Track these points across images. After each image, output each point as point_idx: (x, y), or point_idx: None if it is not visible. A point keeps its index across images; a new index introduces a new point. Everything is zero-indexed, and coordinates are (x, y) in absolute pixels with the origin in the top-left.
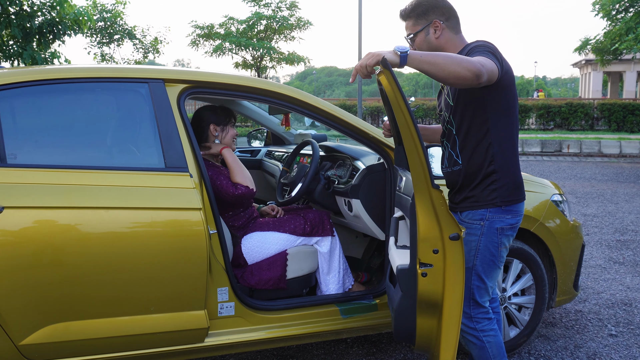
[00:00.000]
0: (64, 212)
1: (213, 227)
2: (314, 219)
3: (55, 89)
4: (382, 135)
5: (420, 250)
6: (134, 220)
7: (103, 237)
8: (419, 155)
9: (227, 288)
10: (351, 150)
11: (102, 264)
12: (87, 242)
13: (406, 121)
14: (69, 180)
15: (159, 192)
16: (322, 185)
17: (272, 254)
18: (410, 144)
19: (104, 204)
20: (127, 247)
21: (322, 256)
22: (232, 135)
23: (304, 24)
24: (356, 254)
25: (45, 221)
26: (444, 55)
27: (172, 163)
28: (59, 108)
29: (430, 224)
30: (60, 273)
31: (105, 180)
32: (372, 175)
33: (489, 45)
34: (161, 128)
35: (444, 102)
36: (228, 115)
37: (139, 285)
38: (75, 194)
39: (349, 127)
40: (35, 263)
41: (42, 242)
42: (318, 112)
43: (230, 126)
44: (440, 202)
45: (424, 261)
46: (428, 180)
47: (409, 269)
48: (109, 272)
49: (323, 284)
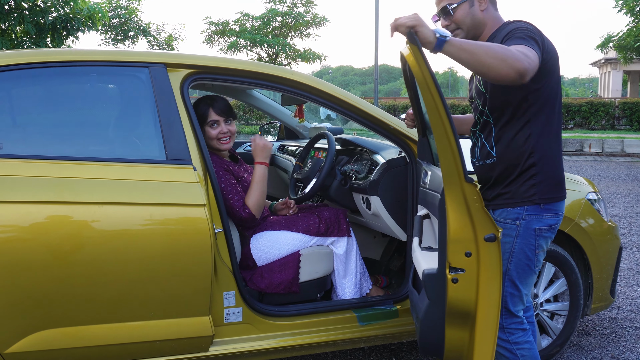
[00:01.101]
0: (54, 208)
1: (219, 225)
2: (329, 217)
3: (46, 73)
4: (404, 126)
5: (451, 253)
6: (131, 217)
7: (97, 235)
8: (450, 143)
9: (234, 292)
10: (370, 143)
11: (96, 265)
12: (79, 241)
13: (435, 104)
14: (60, 172)
15: (158, 187)
16: (339, 181)
17: (284, 255)
18: (440, 131)
19: (98, 199)
20: (124, 247)
21: (337, 258)
22: (210, 137)
23: (320, 21)
24: (375, 255)
25: (34, 217)
26: (486, 46)
27: (174, 155)
28: (50, 94)
29: (462, 223)
30: (49, 274)
31: (100, 173)
32: (392, 170)
33: (530, 27)
34: (162, 117)
35: (475, 88)
36: (202, 112)
37: (136, 288)
38: (66, 188)
39: (367, 118)
40: (22, 263)
41: (29, 240)
42: (333, 101)
43: (207, 126)
44: (474, 197)
45: (455, 265)
46: (461, 172)
47: (437, 274)
48: (103, 273)
49: (339, 288)
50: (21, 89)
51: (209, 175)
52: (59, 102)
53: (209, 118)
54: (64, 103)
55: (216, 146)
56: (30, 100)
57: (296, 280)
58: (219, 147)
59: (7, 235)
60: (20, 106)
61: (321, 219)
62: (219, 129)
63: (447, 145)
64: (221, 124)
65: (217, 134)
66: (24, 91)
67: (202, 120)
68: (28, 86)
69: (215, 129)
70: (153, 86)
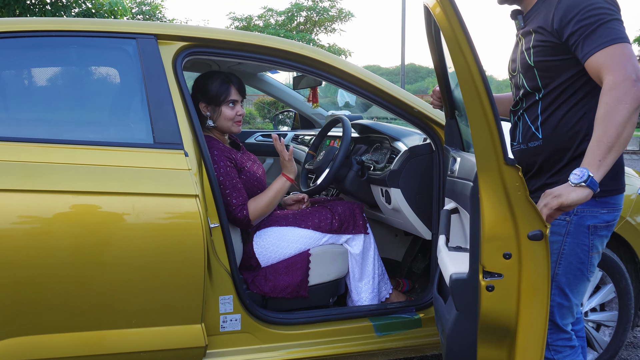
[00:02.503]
0: (21, 197)
1: (215, 220)
2: (344, 212)
3: (17, 43)
4: (429, 109)
5: (485, 254)
6: (110, 209)
7: (70, 229)
8: (486, 114)
9: (232, 296)
10: (390, 129)
11: (69, 264)
12: (49, 236)
13: (469, 68)
14: (29, 156)
15: (143, 174)
16: (355, 171)
17: (292, 254)
18: (473, 101)
19: (72, 187)
20: (101, 243)
21: (353, 258)
22: (226, 118)
23: (345, 16)
24: (395, 255)
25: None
26: (607, 120)
27: (163, 138)
28: (21, 68)
29: (500, 216)
30: (15, 275)
31: (76, 157)
32: (415, 159)
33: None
34: (150, 95)
35: (520, 60)
36: (223, 90)
37: (115, 291)
38: (36, 174)
39: (387, 99)
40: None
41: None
42: (348, 79)
43: (225, 105)
44: (516, 184)
45: (490, 269)
46: (499, 152)
47: (468, 279)
48: (77, 274)
49: (354, 292)
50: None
51: (204, 163)
52: (32, 77)
53: (230, 96)
54: (37, 78)
55: (230, 129)
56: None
57: (305, 283)
58: (232, 129)
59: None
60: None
61: (334, 214)
62: (236, 109)
63: (482, 117)
64: (238, 104)
65: (235, 115)
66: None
67: (217, 98)
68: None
69: (233, 109)
70: (141, 60)
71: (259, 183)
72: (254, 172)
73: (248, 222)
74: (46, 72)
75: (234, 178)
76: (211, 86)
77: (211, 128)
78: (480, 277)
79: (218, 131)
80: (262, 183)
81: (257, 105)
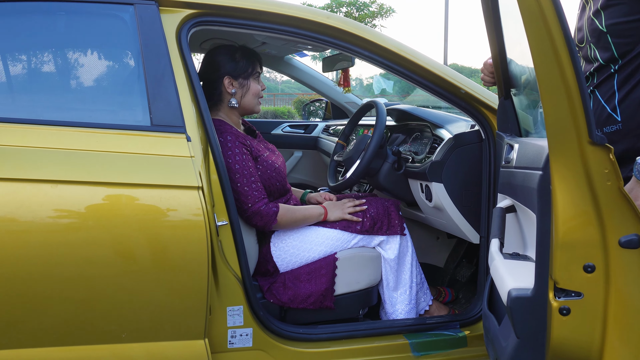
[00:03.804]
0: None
1: (223, 217)
2: (377, 210)
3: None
4: (479, 90)
5: (558, 266)
6: (95, 202)
7: (47, 225)
8: (565, 77)
9: (242, 307)
10: (432, 115)
11: (46, 266)
12: (23, 233)
13: (541, 10)
14: (1, 139)
15: (136, 161)
16: (390, 163)
17: (315, 258)
18: (547, 58)
19: (51, 176)
20: (84, 242)
21: (387, 263)
22: (255, 93)
23: (386, 12)
24: (436, 261)
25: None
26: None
27: (162, 120)
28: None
29: (581, 215)
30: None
31: (58, 141)
32: (462, 149)
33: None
34: (148, 69)
35: (588, 27)
36: (251, 61)
37: (102, 300)
38: (8, 160)
39: (428, 78)
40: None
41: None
42: (381, 54)
43: (253, 79)
44: (605, 171)
45: (566, 286)
46: (582, 128)
47: (533, 298)
48: (54, 279)
49: (388, 303)
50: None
51: (212, 149)
52: (11, 48)
53: (257, 68)
54: (18, 49)
55: (254, 108)
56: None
57: (330, 292)
58: (256, 108)
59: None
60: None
61: (365, 212)
62: (261, 83)
63: (558, 79)
64: (260, 78)
65: (260, 90)
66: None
67: (245, 70)
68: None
69: (259, 82)
70: (139, 29)
71: (278, 175)
72: (272, 161)
73: (271, 221)
74: (28, 42)
75: (250, 167)
76: (236, 56)
77: (231, 108)
78: (550, 295)
79: (235, 113)
80: (281, 174)
81: (297, 103)
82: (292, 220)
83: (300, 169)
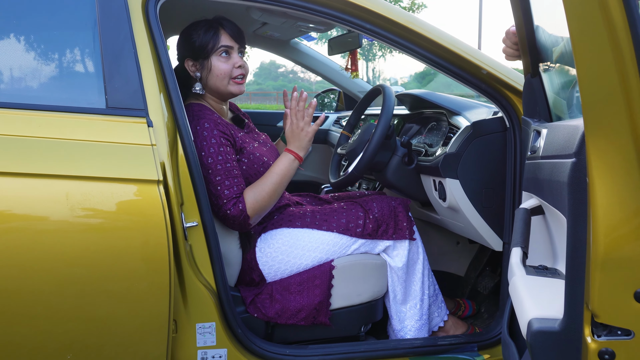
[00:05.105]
0: None
1: (194, 217)
2: (382, 210)
3: None
4: (504, 70)
5: (598, 292)
6: (32, 197)
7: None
8: (612, 24)
9: (214, 324)
10: (448, 100)
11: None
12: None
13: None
14: None
15: (84, 150)
16: (400, 157)
17: (308, 266)
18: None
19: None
20: (15, 246)
21: (393, 273)
22: (220, 73)
23: (417, 7)
24: (456, 269)
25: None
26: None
27: (119, 101)
28: None
29: (631, 219)
30: None
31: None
32: (481, 139)
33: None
34: (105, 43)
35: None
36: (212, 35)
37: (40, 316)
38: None
39: (444, 57)
40: None
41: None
42: (387, 28)
43: (216, 56)
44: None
45: (609, 320)
46: (636, 94)
47: (562, 332)
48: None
49: (395, 319)
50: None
51: (181, 137)
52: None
53: (220, 43)
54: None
55: (227, 89)
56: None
57: (325, 305)
58: (230, 89)
59: None
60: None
61: (368, 212)
62: (232, 60)
63: (599, 22)
64: (234, 54)
65: (232, 69)
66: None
67: (203, 48)
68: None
69: (228, 59)
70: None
71: (266, 170)
72: (260, 154)
73: (245, 220)
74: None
75: (228, 161)
76: (195, 34)
77: (203, 95)
78: (586, 331)
79: (214, 99)
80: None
81: (321, 98)
82: (267, 195)
83: (309, 164)
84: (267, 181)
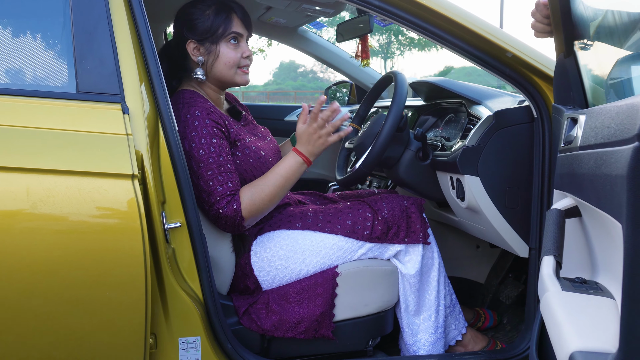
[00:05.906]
0: None
1: (177, 216)
2: (392, 210)
3: None
4: (531, 53)
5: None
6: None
7: None
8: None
9: (199, 338)
10: (468, 88)
11: None
12: None
13: None
14: None
15: (48, 140)
16: (414, 151)
17: (309, 272)
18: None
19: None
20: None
21: (405, 281)
22: (228, 62)
23: None
24: (476, 275)
25: None
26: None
27: (91, 85)
28: None
29: None
30: None
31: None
32: (504, 131)
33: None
34: (77, 20)
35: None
36: (224, 19)
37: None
38: None
39: (463, 38)
40: None
41: None
42: (401, 6)
43: (225, 42)
44: None
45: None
46: None
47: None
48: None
49: (407, 332)
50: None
51: (163, 125)
52: None
53: (232, 28)
54: None
55: (233, 79)
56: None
57: (328, 317)
58: (236, 79)
59: None
60: None
61: (377, 213)
62: (241, 48)
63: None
64: (243, 42)
65: (240, 58)
66: None
67: (213, 32)
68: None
69: (237, 47)
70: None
71: (263, 165)
72: (256, 148)
73: (239, 222)
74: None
75: (222, 154)
76: (202, 15)
77: (201, 82)
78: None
79: (213, 87)
80: (266, 165)
81: (332, 91)
82: (266, 199)
83: (318, 161)
84: (268, 181)
